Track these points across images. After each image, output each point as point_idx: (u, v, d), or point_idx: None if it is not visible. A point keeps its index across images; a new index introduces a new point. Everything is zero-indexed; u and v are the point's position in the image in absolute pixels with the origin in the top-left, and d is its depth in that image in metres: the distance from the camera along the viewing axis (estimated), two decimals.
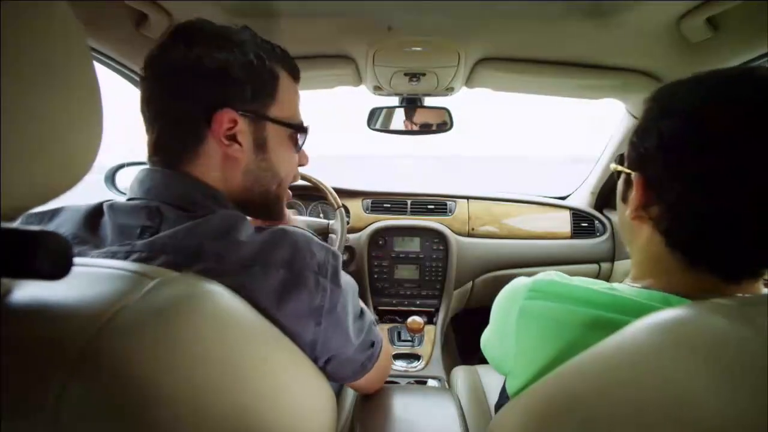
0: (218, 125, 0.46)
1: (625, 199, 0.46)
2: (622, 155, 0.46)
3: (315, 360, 0.48)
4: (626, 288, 0.42)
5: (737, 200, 0.34)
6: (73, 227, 0.44)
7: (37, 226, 0.44)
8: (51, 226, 0.44)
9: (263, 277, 0.40)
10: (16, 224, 0.46)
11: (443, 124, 1.19)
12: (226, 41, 0.47)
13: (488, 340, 0.55)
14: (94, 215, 0.45)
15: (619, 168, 0.46)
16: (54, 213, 0.46)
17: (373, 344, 0.57)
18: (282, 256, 0.42)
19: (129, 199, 0.46)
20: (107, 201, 0.46)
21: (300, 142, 0.56)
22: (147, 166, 0.48)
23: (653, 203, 0.40)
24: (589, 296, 0.40)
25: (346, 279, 0.49)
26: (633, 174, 0.42)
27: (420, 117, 1.20)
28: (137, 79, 0.94)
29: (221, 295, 0.34)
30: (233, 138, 0.48)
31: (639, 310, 0.37)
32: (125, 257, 0.39)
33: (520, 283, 0.47)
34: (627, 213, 0.43)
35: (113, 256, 0.39)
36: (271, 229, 0.44)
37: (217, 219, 0.42)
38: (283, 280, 0.41)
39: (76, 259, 0.25)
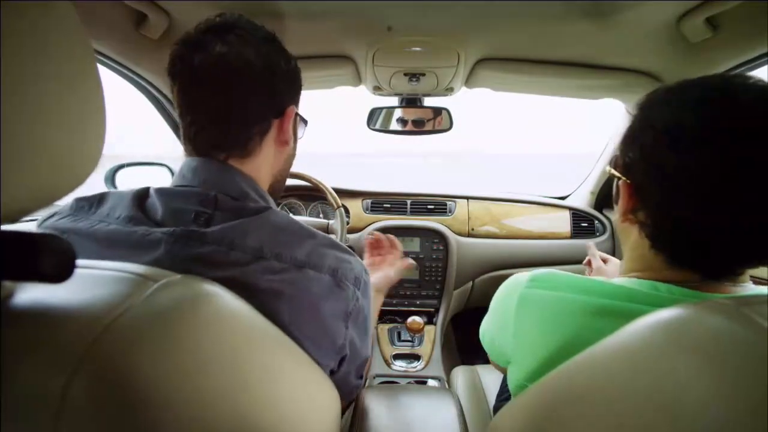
0: (287, 121, 0.53)
1: (616, 201, 0.48)
2: (616, 158, 0.48)
3: (333, 367, 0.52)
4: (619, 278, 0.45)
5: (714, 207, 0.36)
6: (127, 209, 0.46)
7: (87, 211, 0.46)
8: (105, 209, 0.46)
9: (314, 279, 0.45)
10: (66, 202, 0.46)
11: (443, 124, 1.19)
12: (276, 40, 0.52)
13: (487, 330, 0.56)
14: (139, 198, 0.47)
15: (613, 172, 0.48)
16: (102, 198, 0.48)
17: (362, 377, 0.62)
18: (330, 264, 0.47)
19: (179, 185, 0.48)
20: (154, 186, 0.49)
21: (302, 133, 0.62)
22: (195, 157, 0.49)
23: (639, 209, 0.42)
24: (585, 284, 0.43)
25: (371, 297, 0.55)
26: (621, 180, 0.44)
27: (419, 117, 1.20)
28: (137, 79, 0.94)
29: (224, 298, 0.34)
30: (289, 132, 0.54)
31: (629, 294, 0.40)
32: (200, 245, 0.42)
33: (520, 275, 0.50)
34: (616, 216, 0.46)
35: (186, 242, 0.42)
36: (323, 236, 0.49)
37: (271, 219, 0.47)
38: (329, 284, 0.47)
39: (78, 262, 0.25)
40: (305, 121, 0.61)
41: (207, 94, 0.48)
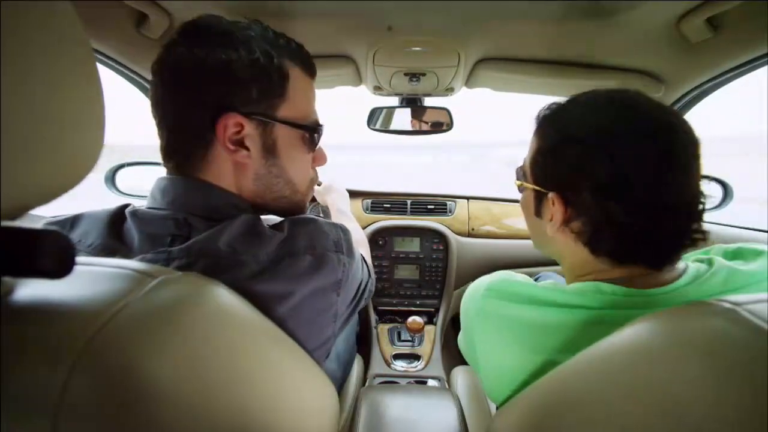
0: (222, 130, 0.45)
1: (538, 214, 0.48)
2: (530, 172, 0.48)
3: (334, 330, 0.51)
4: (570, 286, 0.45)
5: (653, 205, 0.38)
6: (100, 237, 0.43)
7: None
8: (75, 235, 0.44)
9: (296, 265, 0.44)
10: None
11: (443, 124, 1.19)
12: (231, 39, 0.45)
13: (460, 339, 0.57)
14: (115, 222, 0.45)
15: (532, 186, 0.47)
16: (75, 221, 0.46)
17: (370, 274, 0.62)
18: (303, 245, 0.45)
19: (151, 208, 0.46)
20: (128, 207, 0.46)
21: (315, 142, 0.53)
22: (166, 175, 0.48)
23: (573, 219, 0.43)
24: (535, 294, 0.43)
25: (355, 245, 0.53)
26: (551, 194, 0.44)
27: (420, 117, 1.20)
28: (137, 79, 0.95)
29: (222, 294, 0.34)
30: (240, 143, 0.46)
31: (575, 301, 0.41)
32: (166, 265, 0.40)
33: (480, 282, 0.50)
34: (548, 229, 0.46)
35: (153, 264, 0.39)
36: (283, 222, 0.47)
37: (240, 223, 0.44)
38: (311, 263, 0.45)
39: (78, 258, 0.25)
40: (307, 128, 0.51)
41: (152, 103, 0.46)
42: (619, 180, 0.39)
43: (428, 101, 1.20)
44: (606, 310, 0.40)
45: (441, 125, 1.19)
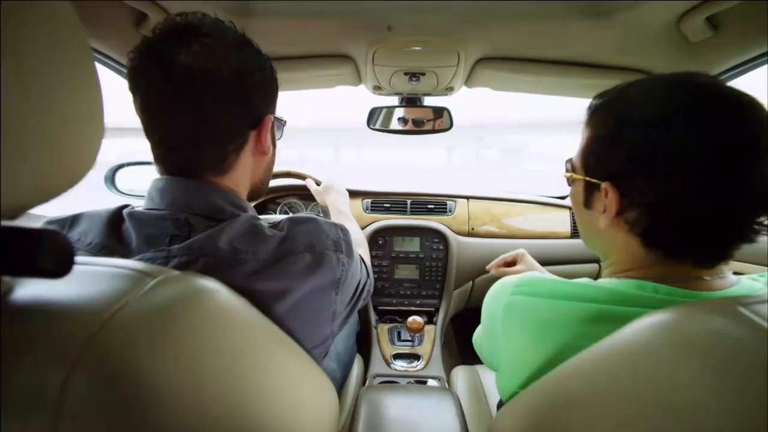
0: (265, 131, 0.50)
1: (588, 206, 0.47)
2: (583, 164, 0.47)
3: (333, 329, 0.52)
4: (603, 280, 0.44)
5: (712, 198, 0.36)
6: (99, 236, 0.44)
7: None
8: (74, 234, 0.44)
9: (295, 263, 0.45)
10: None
11: (443, 123, 1.19)
12: (248, 44, 0.48)
13: (479, 337, 0.57)
14: (114, 222, 0.45)
15: (582, 177, 0.46)
16: (74, 220, 0.46)
17: (368, 274, 0.63)
18: (303, 242, 0.46)
19: (149, 209, 0.45)
20: (126, 208, 0.46)
21: (280, 134, 0.61)
22: (164, 176, 0.47)
23: (628, 210, 0.41)
24: (572, 290, 0.42)
25: (354, 245, 0.54)
26: (604, 184, 0.42)
27: (419, 116, 1.21)
28: None
29: (221, 294, 0.34)
30: (269, 141, 0.52)
31: (618, 297, 0.39)
32: (165, 263, 0.40)
33: (507, 280, 0.49)
34: (600, 222, 0.44)
35: (152, 263, 0.39)
36: (282, 221, 0.48)
37: (241, 222, 0.45)
38: (310, 261, 0.46)
39: (77, 258, 0.25)
40: (283, 122, 0.59)
41: (172, 112, 0.43)
42: (683, 165, 0.36)
43: (428, 101, 1.20)
44: (638, 308, 0.38)
45: (440, 124, 1.19)
